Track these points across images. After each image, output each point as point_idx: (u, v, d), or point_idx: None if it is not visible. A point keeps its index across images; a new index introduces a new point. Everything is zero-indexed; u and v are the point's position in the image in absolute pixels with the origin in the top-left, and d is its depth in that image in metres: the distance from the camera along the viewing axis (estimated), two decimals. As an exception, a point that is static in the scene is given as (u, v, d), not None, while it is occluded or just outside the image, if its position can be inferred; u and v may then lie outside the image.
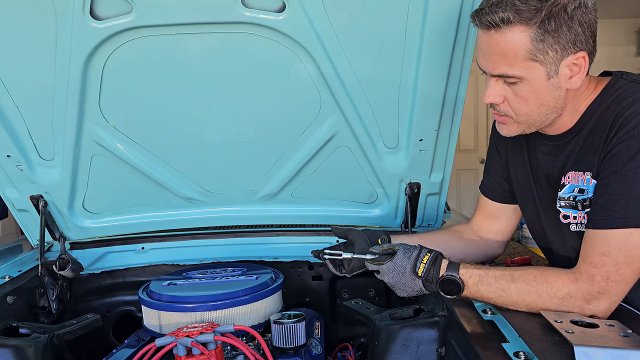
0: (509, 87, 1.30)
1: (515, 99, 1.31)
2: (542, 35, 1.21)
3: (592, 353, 1.01)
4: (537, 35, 1.21)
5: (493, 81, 1.32)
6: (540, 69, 1.25)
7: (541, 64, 1.24)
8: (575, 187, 1.39)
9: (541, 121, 1.36)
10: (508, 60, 1.25)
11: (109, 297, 2.16)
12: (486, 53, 1.29)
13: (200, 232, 2.23)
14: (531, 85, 1.27)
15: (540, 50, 1.22)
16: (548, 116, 1.34)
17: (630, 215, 1.21)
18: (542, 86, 1.27)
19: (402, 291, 1.42)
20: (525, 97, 1.30)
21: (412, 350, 1.40)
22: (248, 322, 1.63)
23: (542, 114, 1.33)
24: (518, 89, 1.29)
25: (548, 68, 1.25)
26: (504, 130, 1.41)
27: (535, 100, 1.30)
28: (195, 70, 1.63)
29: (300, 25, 1.50)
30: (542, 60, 1.24)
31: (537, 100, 1.30)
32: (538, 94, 1.29)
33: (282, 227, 2.26)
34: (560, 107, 1.33)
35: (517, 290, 1.29)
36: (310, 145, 1.86)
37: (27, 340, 1.48)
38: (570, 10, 1.20)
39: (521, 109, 1.33)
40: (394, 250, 1.44)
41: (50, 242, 2.12)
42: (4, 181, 1.90)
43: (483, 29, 1.27)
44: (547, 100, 1.30)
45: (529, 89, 1.28)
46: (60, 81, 1.61)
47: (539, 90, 1.28)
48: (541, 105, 1.31)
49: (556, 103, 1.31)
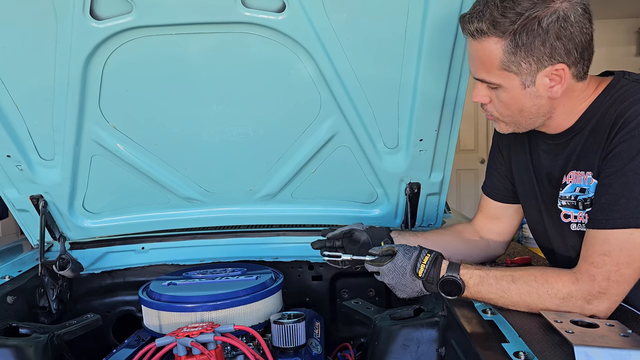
0: (492, 91, 1.36)
1: (498, 102, 1.37)
2: (514, 48, 1.24)
3: (592, 353, 1.02)
4: (509, 48, 1.25)
5: (479, 82, 1.38)
6: (515, 79, 1.29)
7: (515, 75, 1.28)
8: (576, 187, 1.39)
9: (526, 124, 1.40)
10: (485, 68, 1.31)
11: (109, 297, 2.16)
12: (470, 57, 1.36)
13: (200, 232, 2.23)
14: (509, 93, 1.32)
15: (513, 62, 1.26)
16: (532, 120, 1.38)
17: (631, 215, 1.21)
18: (519, 94, 1.32)
19: (402, 292, 1.42)
20: (506, 102, 1.35)
21: (412, 350, 1.40)
22: (248, 322, 1.63)
23: (525, 118, 1.38)
24: (498, 93, 1.35)
25: (523, 78, 1.29)
26: (498, 127, 1.47)
27: (515, 106, 1.35)
28: (195, 70, 1.63)
29: (300, 25, 1.50)
30: (516, 71, 1.28)
31: (517, 106, 1.35)
32: (516, 100, 1.33)
33: (282, 227, 2.26)
34: (544, 113, 1.36)
35: (518, 291, 1.29)
36: (310, 145, 1.86)
37: (27, 340, 1.48)
38: (545, 24, 1.21)
39: (504, 111, 1.38)
40: (393, 251, 1.44)
41: (50, 242, 2.12)
42: (4, 181, 1.90)
43: (465, 36, 1.34)
44: (527, 107, 1.34)
45: (508, 96, 1.33)
46: (60, 81, 1.61)
47: (517, 98, 1.33)
48: (522, 111, 1.36)
49: (538, 110, 1.35)
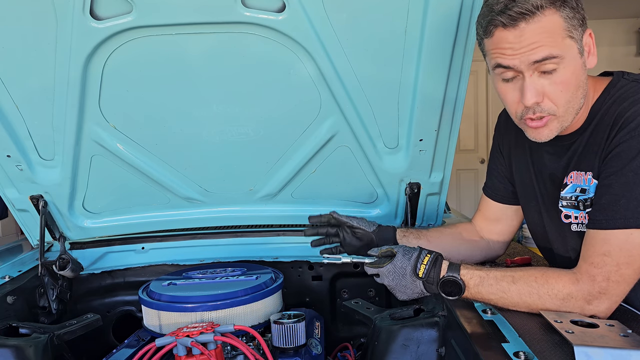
0: (546, 79, 1.26)
1: (555, 88, 1.27)
2: (571, 12, 1.23)
3: (592, 353, 1.02)
4: (567, 13, 1.23)
5: (528, 77, 1.26)
6: (575, 47, 1.26)
7: (575, 42, 1.26)
8: (577, 187, 1.39)
9: (577, 108, 1.32)
10: (550, 42, 1.23)
11: (109, 297, 2.16)
12: (521, 47, 1.24)
13: (200, 232, 2.23)
14: (571, 66, 1.26)
15: (573, 26, 1.24)
16: (581, 101, 1.32)
17: (631, 216, 1.21)
18: (578, 65, 1.27)
19: (403, 294, 1.42)
20: (566, 82, 1.26)
21: (412, 350, 1.40)
22: (248, 322, 1.63)
23: (579, 98, 1.31)
24: (558, 75, 1.26)
25: (579, 44, 1.27)
26: (544, 134, 1.33)
27: (575, 83, 1.28)
28: (195, 70, 1.63)
29: (300, 25, 1.50)
30: (575, 37, 1.25)
31: (577, 82, 1.28)
32: (577, 74, 1.27)
33: (282, 227, 2.25)
34: (586, 92, 1.33)
35: (518, 292, 1.29)
36: (310, 145, 1.86)
37: (27, 340, 1.47)
38: None
39: (563, 96, 1.28)
40: (392, 252, 1.44)
41: (50, 242, 2.12)
42: (4, 181, 1.90)
43: (510, 26, 1.23)
44: (582, 80, 1.30)
45: (569, 71, 1.26)
46: (60, 81, 1.61)
47: (577, 70, 1.27)
48: (579, 88, 1.29)
49: (586, 85, 1.32)
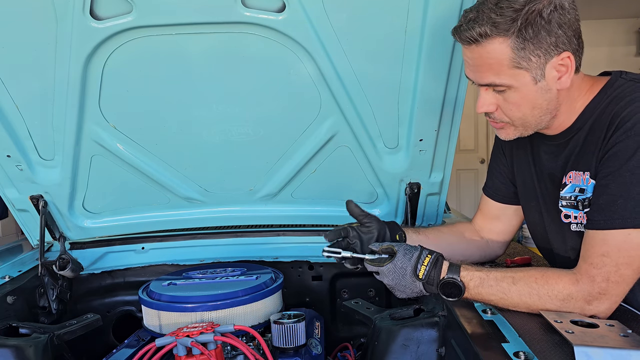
0: (500, 95, 1.33)
1: (508, 106, 1.34)
2: (522, 43, 1.23)
3: (592, 353, 1.02)
4: (516, 44, 1.23)
5: (483, 91, 1.35)
6: (526, 75, 1.27)
7: (526, 70, 1.27)
8: (576, 187, 1.39)
9: (536, 123, 1.38)
10: (494, 71, 1.28)
11: (109, 297, 2.16)
12: (472, 65, 1.32)
13: (200, 232, 2.23)
14: (520, 92, 1.30)
15: (523, 58, 1.25)
16: (542, 118, 1.36)
17: (629, 216, 1.21)
18: (530, 91, 1.30)
19: (402, 293, 1.42)
20: (517, 103, 1.32)
21: (412, 350, 1.40)
22: (248, 322, 1.63)
23: (536, 117, 1.35)
24: (508, 96, 1.32)
25: (534, 73, 1.27)
26: (503, 135, 1.44)
27: (527, 105, 1.32)
28: (195, 70, 1.63)
29: (300, 25, 1.50)
30: (527, 66, 1.26)
31: (529, 105, 1.32)
32: (528, 98, 1.31)
33: (282, 227, 2.25)
34: (554, 108, 1.35)
35: (518, 293, 1.29)
36: (310, 145, 1.86)
37: (27, 340, 1.48)
38: (546, 15, 1.21)
39: (514, 114, 1.35)
40: (393, 250, 1.44)
41: (50, 242, 2.12)
42: (4, 181, 1.90)
43: (464, 45, 1.30)
44: (539, 103, 1.32)
45: (519, 96, 1.31)
46: (60, 81, 1.61)
47: (529, 95, 1.31)
48: (534, 109, 1.33)
49: (549, 104, 1.33)
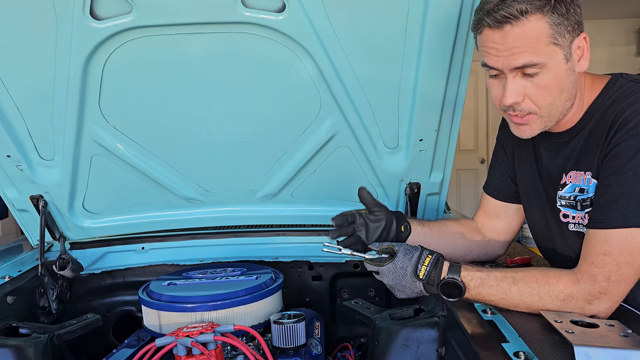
0: (528, 81, 1.29)
1: (537, 91, 1.29)
2: (558, 18, 1.24)
3: (592, 353, 1.01)
4: (553, 20, 1.23)
5: (511, 79, 1.29)
6: (560, 53, 1.26)
7: (560, 48, 1.26)
8: (576, 187, 1.39)
9: (562, 110, 1.34)
10: (531, 49, 1.25)
11: (109, 297, 2.16)
12: (504, 49, 1.27)
13: (200, 232, 2.23)
14: (553, 72, 1.27)
15: (559, 33, 1.25)
16: (567, 104, 1.34)
17: (631, 215, 1.22)
18: (562, 71, 1.28)
19: (402, 293, 1.42)
20: (548, 86, 1.29)
21: (412, 350, 1.40)
22: (248, 322, 1.63)
23: (563, 102, 1.32)
24: (539, 79, 1.28)
25: (565, 51, 1.27)
26: (527, 132, 1.37)
27: (557, 87, 1.29)
28: (195, 70, 1.63)
29: (300, 25, 1.50)
30: (561, 43, 1.26)
31: (559, 87, 1.30)
32: (559, 80, 1.29)
33: (282, 227, 2.25)
34: (575, 94, 1.34)
35: (519, 293, 1.29)
36: (310, 145, 1.86)
37: (27, 340, 1.48)
38: None
39: (544, 99, 1.31)
40: (394, 250, 1.44)
41: (50, 242, 2.11)
42: (4, 181, 1.90)
43: (496, 27, 1.25)
44: (567, 85, 1.31)
45: (551, 76, 1.28)
46: (60, 81, 1.60)
47: (560, 76, 1.28)
48: (562, 92, 1.31)
49: (573, 88, 1.33)
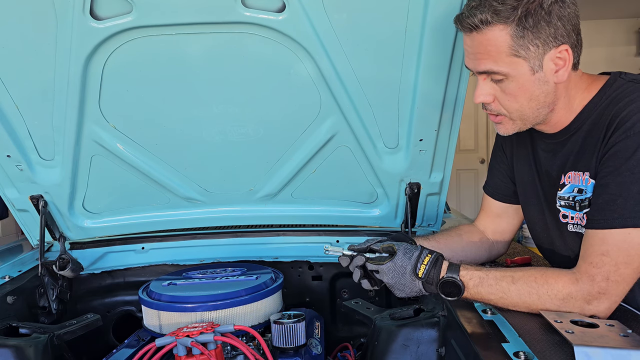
0: (497, 85, 1.34)
1: (505, 97, 1.35)
2: (522, 32, 1.25)
3: (592, 353, 1.01)
4: (516, 32, 1.25)
5: (481, 80, 1.36)
6: (524, 65, 1.28)
7: (524, 60, 1.28)
8: (575, 187, 1.39)
9: (534, 116, 1.38)
10: (493, 58, 1.30)
11: (109, 297, 2.16)
12: (471, 53, 1.34)
13: (200, 232, 2.23)
14: (517, 81, 1.31)
15: (522, 46, 1.26)
16: (540, 111, 1.36)
17: (629, 215, 1.22)
18: (528, 81, 1.31)
19: (401, 292, 1.42)
20: (514, 94, 1.33)
21: (412, 350, 1.40)
22: (248, 322, 1.63)
23: (533, 109, 1.36)
24: (505, 86, 1.33)
25: (532, 63, 1.28)
26: (501, 130, 1.44)
27: (524, 96, 1.33)
28: (195, 70, 1.63)
29: (300, 25, 1.50)
30: (525, 55, 1.27)
31: (526, 95, 1.33)
32: (526, 89, 1.32)
33: (282, 227, 2.26)
34: (551, 102, 1.35)
35: (518, 292, 1.29)
36: (310, 145, 1.86)
37: (27, 340, 1.48)
38: (546, 5, 1.24)
39: (512, 105, 1.36)
40: (394, 249, 1.44)
41: (50, 242, 2.12)
42: (4, 181, 1.90)
43: (466, 32, 1.32)
44: (536, 94, 1.33)
45: (516, 85, 1.32)
46: (60, 81, 1.61)
47: (526, 86, 1.31)
48: (530, 100, 1.34)
49: (546, 97, 1.34)
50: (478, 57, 1.32)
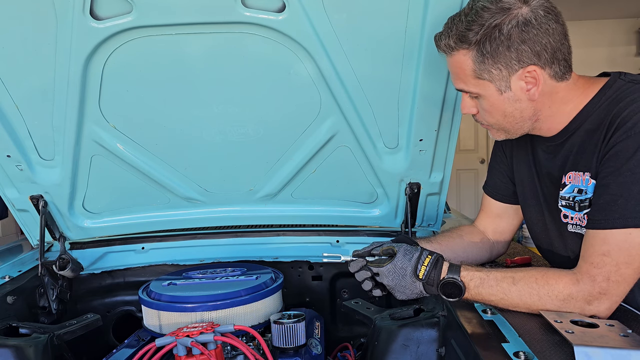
0: (475, 100, 1.41)
1: (482, 111, 1.42)
2: (481, 57, 1.30)
3: (592, 353, 1.02)
4: (476, 57, 1.31)
5: (463, 94, 1.43)
6: (490, 86, 1.34)
7: (489, 82, 1.33)
8: (575, 187, 1.39)
9: (515, 129, 1.43)
10: (462, 79, 1.37)
11: (109, 297, 2.16)
12: (450, 71, 1.43)
13: (200, 232, 2.24)
14: (488, 100, 1.37)
15: (483, 70, 1.31)
16: (520, 125, 1.41)
17: (629, 215, 1.21)
18: (497, 101, 1.36)
19: (402, 294, 1.42)
20: (488, 110, 1.39)
21: (412, 350, 1.40)
22: (248, 322, 1.63)
23: (512, 123, 1.41)
24: (480, 103, 1.40)
25: (497, 84, 1.33)
26: (493, 135, 1.51)
27: (498, 113, 1.39)
28: (195, 70, 1.63)
29: (300, 25, 1.50)
30: (488, 78, 1.32)
31: (499, 112, 1.39)
32: (497, 107, 1.37)
33: (282, 227, 2.26)
34: (529, 116, 1.39)
35: (519, 293, 1.29)
36: (310, 145, 1.86)
37: (27, 340, 1.48)
38: (506, 31, 1.26)
39: (489, 119, 1.42)
40: (394, 251, 1.44)
41: (50, 242, 2.12)
42: (4, 181, 1.90)
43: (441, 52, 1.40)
44: (510, 111, 1.37)
45: (488, 103, 1.38)
46: (60, 81, 1.61)
47: (497, 104, 1.37)
48: (505, 117, 1.39)
49: (522, 113, 1.38)
50: (453, 77, 1.41)
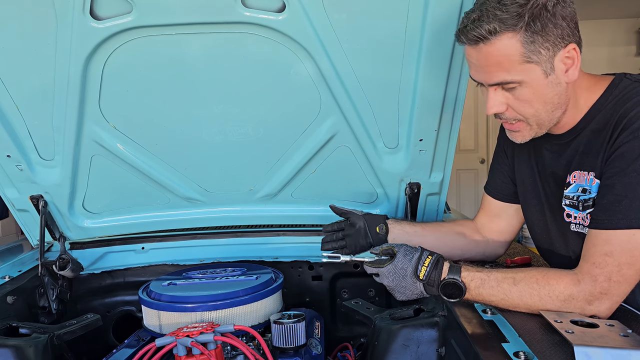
0: (509, 93, 1.32)
1: (519, 103, 1.33)
2: (532, 36, 1.23)
3: (592, 353, 1.01)
4: (526, 38, 1.23)
5: (492, 91, 1.33)
6: (537, 69, 1.27)
7: (537, 64, 1.26)
8: (579, 187, 1.39)
9: (549, 119, 1.36)
10: (505, 67, 1.27)
11: (109, 297, 2.16)
12: (480, 66, 1.30)
13: (200, 232, 2.23)
14: (531, 87, 1.29)
15: (533, 52, 1.24)
16: (554, 113, 1.35)
17: (634, 216, 1.21)
18: (541, 85, 1.29)
19: (402, 294, 1.42)
20: (528, 100, 1.31)
21: (412, 350, 1.40)
22: (248, 322, 1.63)
23: (549, 112, 1.34)
24: (519, 93, 1.31)
25: (544, 66, 1.27)
26: (519, 137, 1.41)
27: (539, 100, 1.31)
28: (195, 70, 1.63)
29: (300, 25, 1.50)
30: (537, 60, 1.26)
31: (541, 100, 1.31)
32: (540, 93, 1.30)
33: (282, 227, 2.26)
34: (564, 102, 1.34)
35: (519, 294, 1.29)
36: (310, 145, 1.86)
37: (27, 340, 1.48)
38: (550, 7, 1.23)
39: (527, 111, 1.34)
40: (393, 251, 1.44)
41: (50, 242, 2.12)
42: (4, 181, 1.90)
43: (471, 45, 1.28)
44: (550, 97, 1.31)
45: (530, 91, 1.30)
46: (60, 81, 1.60)
47: (540, 90, 1.30)
48: (545, 104, 1.32)
49: (560, 99, 1.33)
50: (488, 70, 1.29)
